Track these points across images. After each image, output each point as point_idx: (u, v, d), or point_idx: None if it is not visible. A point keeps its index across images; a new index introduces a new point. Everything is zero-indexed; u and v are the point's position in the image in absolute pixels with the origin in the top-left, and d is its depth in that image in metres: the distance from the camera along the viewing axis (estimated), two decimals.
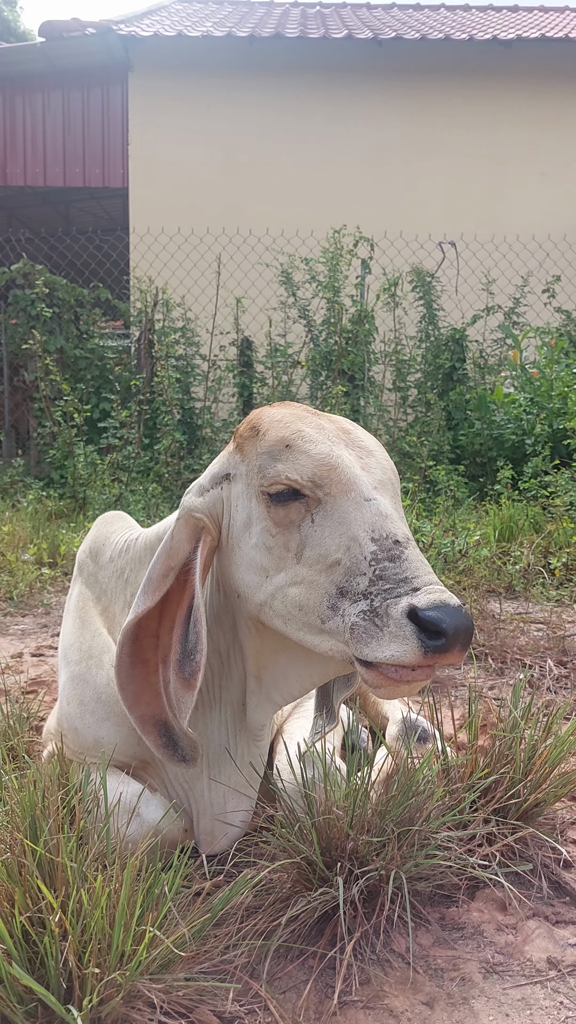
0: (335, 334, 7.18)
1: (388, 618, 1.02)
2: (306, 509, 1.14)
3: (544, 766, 1.41)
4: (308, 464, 1.14)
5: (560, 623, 2.99)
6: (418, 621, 1.00)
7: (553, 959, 1.18)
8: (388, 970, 1.14)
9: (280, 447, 1.16)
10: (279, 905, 1.20)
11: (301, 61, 10.50)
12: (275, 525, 1.16)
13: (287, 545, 1.15)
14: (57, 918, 0.92)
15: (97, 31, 10.22)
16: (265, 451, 1.17)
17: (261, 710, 1.30)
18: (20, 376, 7.80)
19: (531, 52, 10.50)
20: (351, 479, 1.13)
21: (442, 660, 1.01)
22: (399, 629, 1.01)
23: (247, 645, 1.28)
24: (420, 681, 1.04)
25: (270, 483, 1.15)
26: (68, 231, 9.86)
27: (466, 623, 1.00)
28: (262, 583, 1.17)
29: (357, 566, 1.08)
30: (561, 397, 6.16)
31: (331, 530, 1.11)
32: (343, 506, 1.12)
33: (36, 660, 2.69)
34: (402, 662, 1.01)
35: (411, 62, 10.52)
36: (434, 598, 1.01)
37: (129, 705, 1.20)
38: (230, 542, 1.24)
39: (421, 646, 1.00)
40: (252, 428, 1.22)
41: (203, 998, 1.03)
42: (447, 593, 1.03)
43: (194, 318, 7.60)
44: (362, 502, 1.12)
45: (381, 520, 1.10)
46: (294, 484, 1.13)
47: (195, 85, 10.55)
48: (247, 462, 1.21)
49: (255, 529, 1.19)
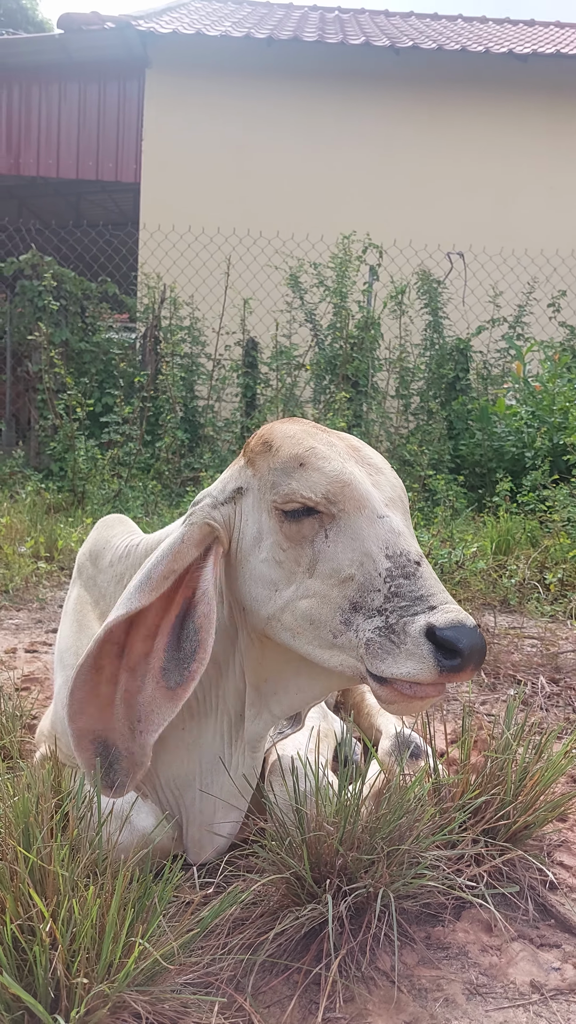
0: (341, 339, 7.19)
1: (406, 635, 1.04)
2: (320, 525, 1.15)
3: (535, 788, 1.42)
4: (322, 481, 1.15)
5: (554, 639, 2.99)
6: (435, 640, 1.03)
7: (536, 983, 1.19)
8: (372, 988, 1.15)
9: (294, 464, 1.17)
10: (267, 919, 1.20)
11: (318, 65, 10.51)
12: (287, 540, 1.16)
13: (298, 560, 1.16)
14: (47, 927, 0.92)
15: (116, 26, 10.22)
16: (279, 467, 1.18)
17: (260, 721, 1.30)
18: (24, 367, 7.80)
19: (546, 67, 10.53)
20: (364, 496, 1.14)
21: (455, 679, 1.03)
22: (416, 647, 1.03)
23: (248, 657, 1.28)
24: (432, 698, 1.06)
25: (284, 500, 1.16)
26: (78, 224, 9.86)
27: (480, 643, 1.03)
28: (271, 596, 1.18)
29: (371, 582, 1.09)
30: (563, 412, 6.17)
31: (344, 546, 1.13)
32: (357, 522, 1.13)
33: (30, 656, 2.68)
34: (418, 679, 1.03)
35: (426, 71, 10.53)
36: (451, 617, 1.03)
37: (72, 715, 1.16)
38: (238, 555, 1.24)
39: (437, 665, 1.02)
40: (264, 443, 1.22)
41: (188, 1010, 1.03)
42: (463, 613, 1.05)
43: (201, 317, 7.60)
44: (375, 519, 1.13)
45: (394, 537, 1.12)
46: (308, 502, 1.14)
47: (211, 84, 10.55)
48: (259, 477, 1.22)
49: (265, 543, 1.19)
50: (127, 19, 10.40)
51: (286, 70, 10.54)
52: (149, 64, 10.62)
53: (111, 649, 1.20)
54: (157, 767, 1.38)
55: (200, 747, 1.34)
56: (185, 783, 1.36)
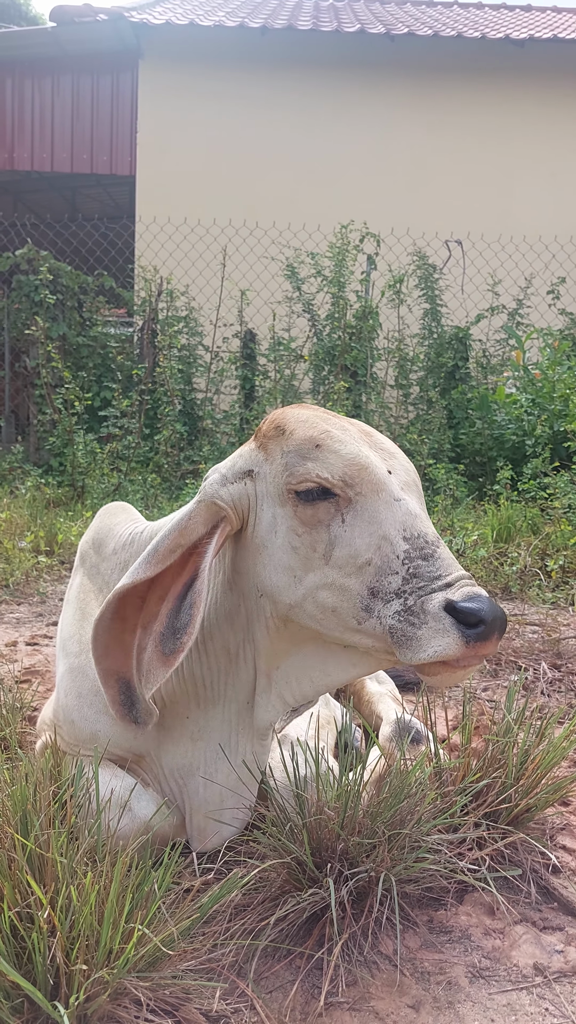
0: (339, 329, 7.16)
1: (425, 614, 1.04)
2: (336, 509, 1.14)
3: (536, 771, 1.41)
4: (339, 463, 1.14)
5: (555, 625, 2.99)
6: (455, 614, 1.03)
7: (540, 965, 1.18)
8: (375, 972, 1.14)
9: (309, 446, 1.16)
10: (268, 904, 1.20)
11: (312, 54, 10.44)
12: (301, 524, 1.15)
13: (314, 545, 1.15)
14: (46, 914, 0.92)
15: (109, 17, 10.15)
16: (293, 450, 1.17)
17: (271, 709, 1.28)
18: (22, 362, 7.77)
19: (543, 52, 10.44)
20: (381, 479, 1.14)
21: (482, 649, 1.03)
22: (437, 623, 1.03)
23: (262, 645, 1.26)
24: (473, 666, 1.06)
25: (299, 481, 1.15)
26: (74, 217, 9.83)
27: (501, 612, 1.04)
28: (291, 584, 1.17)
29: (389, 565, 1.09)
30: (563, 399, 6.15)
31: (362, 530, 1.12)
32: (374, 505, 1.12)
33: (31, 649, 2.68)
34: (446, 656, 1.03)
35: (423, 58, 10.46)
36: (468, 591, 1.04)
37: (98, 656, 1.20)
38: (254, 541, 1.23)
39: (462, 636, 1.02)
40: (277, 427, 1.21)
41: (190, 996, 1.03)
42: (479, 587, 1.06)
43: (198, 308, 7.57)
44: (392, 502, 1.13)
45: (412, 519, 1.12)
46: (324, 483, 1.13)
47: (205, 75, 10.48)
48: (271, 461, 1.21)
49: (280, 529, 1.18)
50: (120, 11, 10.33)
51: (281, 59, 10.47)
52: (142, 56, 10.55)
53: (134, 602, 1.23)
54: (161, 756, 1.37)
55: (206, 736, 1.33)
56: (188, 772, 1.35)
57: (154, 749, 1.37)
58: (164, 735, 1.36)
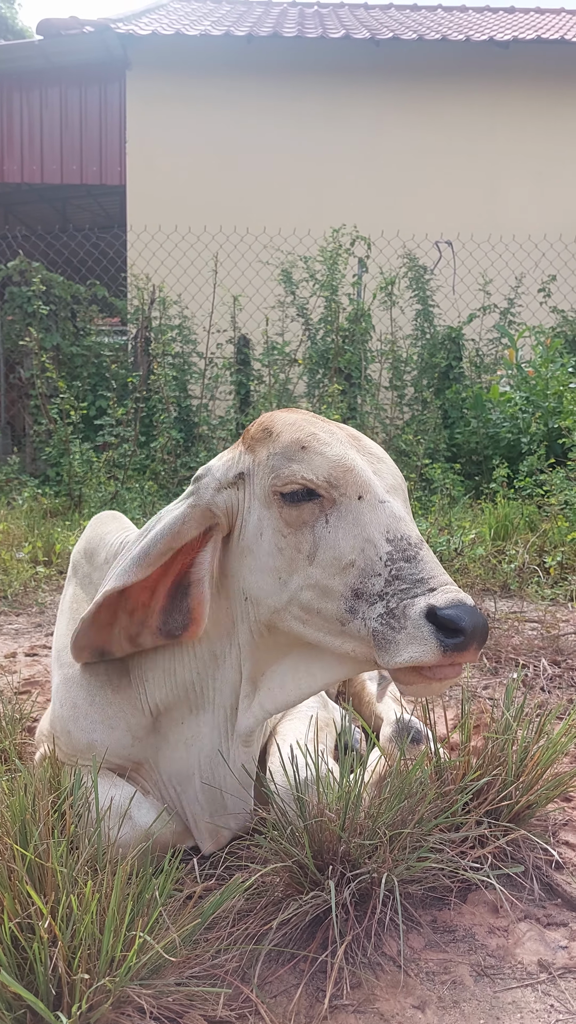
0: (332, 332, 7.17)
1: (406, 619, 1.04)
2: (320, 510, 1.14)
3: (536, 768, 1.41)
4: (324, 465, 1.14)
5: (554, 622, 2.99)
6: (436, 621, 1.02)
7: (544, 962, 1.18)
8: (379, 973, 1.14)
9: (295, 448, 1.17)
10: (270, 909, 1.19)
11: (299, 60, 10.48)
12: (287, 526, 1.16)
13: (298, 547, 1.15)
14: (46, 924, 0.91)
15: (95, 29, 10.19)
16: (279, 452, 1.18)
17: (252, 715, 1.29)
18: (16, 373, 7.78)
19: (527, 53, 10.49)
20: (366, 481, 1.14)
21: (459, 658, 1.02)
22: (417, 630, 1.03)
23: (247, 649, 1.27)
24: (449, 679, 1.06)
25: (284, 482, 1.15)
26: (65, 228, 9.83)
27: (482, 621, 1.03)
28: (277, 588, 1.18)
29: (372, 567, 1.09)
30: (556, 396, 6.16)
31: (345, 531, 1.12)
32: (358, 508, 1.13)
33: (30, 660, 2.68)
34: (421, 663, 1.02)
35: (408, 62, 10.50)
36: (451, 597, 1.03)
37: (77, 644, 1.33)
38: (241, 544, 1.23)
39: (440, 645, 1.02)
40: (264, 430, 1.22)
41: (193, 1003, 1.02)
42: (462, 593, 1.05)
43: (191, 316, 7.58)
44: (377, 504, 1.13)
45: (395, 522, 1.12)
46: (309, 484, 1.14)
47: (193, 83, 10.52)
48: (258, 463, 1.21)
49: (266, 531, 1.19)
50: (106, 22, 10.37)
51: (267, 67, 10.51)
52: (130, 66, 10.58)
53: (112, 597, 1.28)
54: (159, 763, 1.37)
55: (198, 742, 1.34)
56: (185, 778, 1.35)
57: (152, 756, 1.37)
58: (161, 742, 1.37)
